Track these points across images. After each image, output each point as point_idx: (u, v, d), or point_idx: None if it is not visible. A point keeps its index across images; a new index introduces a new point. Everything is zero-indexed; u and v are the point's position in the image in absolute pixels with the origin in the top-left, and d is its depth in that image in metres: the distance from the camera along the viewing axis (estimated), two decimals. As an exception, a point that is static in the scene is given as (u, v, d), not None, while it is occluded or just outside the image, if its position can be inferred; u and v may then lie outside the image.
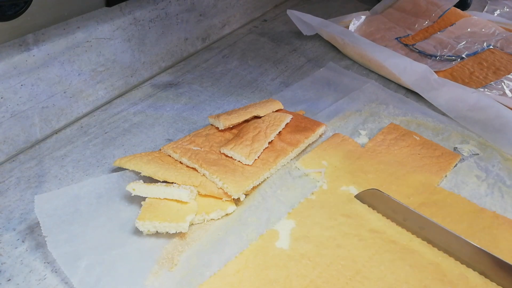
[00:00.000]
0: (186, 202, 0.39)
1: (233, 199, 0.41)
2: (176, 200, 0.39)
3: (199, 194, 0.41)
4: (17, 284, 0.34)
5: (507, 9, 0.93)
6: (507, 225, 0.41)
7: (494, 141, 0.52)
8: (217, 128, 0.49)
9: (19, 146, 0.48)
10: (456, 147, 0.52)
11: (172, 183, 0.41)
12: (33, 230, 0.39)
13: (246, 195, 0.42)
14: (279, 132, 0.49)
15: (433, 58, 0.71)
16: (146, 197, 0.40)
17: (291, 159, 0.48)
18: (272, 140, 0.48)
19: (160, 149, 0.46)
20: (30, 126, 0.48)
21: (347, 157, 0.48)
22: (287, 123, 0.51)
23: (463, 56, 0.71)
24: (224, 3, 0.74)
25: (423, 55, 0.72)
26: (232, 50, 0.73)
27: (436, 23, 0.82)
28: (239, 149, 0.44)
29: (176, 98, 0.59)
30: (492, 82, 0.63)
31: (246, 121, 0.51)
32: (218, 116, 0.49)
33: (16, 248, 0.37)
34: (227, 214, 0.41)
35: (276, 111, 0.53)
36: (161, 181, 0.41)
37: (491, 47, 0.73)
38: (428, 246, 0.38)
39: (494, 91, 0.61)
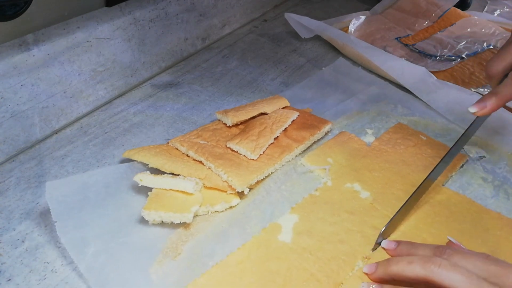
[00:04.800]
0: (191, 194, 0.40)
1: (237, 192, 0.42)
2: (181, 192, 0.40)
3: (204, 186, 0.42)
4: (17, 284, 0.34)
5: (507, 9, 0.93)
6: (511, 227, 0.41)
7: (493, 143, 0.52)
8: (225, 123, 0.50)
9: (19, 146, 0.48)
10: (463, 148, 0.52)
11: (179, 175, 0.42)
12: (33, 230, 0.39)
13: (250, 189, 0.43)
14: (285, 129, 0.50)
15: (433, 58, 0.71)
16: (152, 188, 0.40)
17: (296, 156, 0.49)
18: (277, 136, 0.48)
19: (167, 142, 0.47)
20: (30, 126, 0.48)
21: (352, 155, 0.48)
22: (293, 120, 0.51)
23: (463, 56, 0.71)
24: (224, 3, 0.74)
25: (423, 55, 0.72)
26: (232, 50, 0.73)
27: (436, 23, 0.82)
28: (245, 143, 0.45)
29: (176, 98, 0.59)
30: (492, 82, 0.63)
31: (253, 117, 0.51)
32: (226, 112, 0.50)
33: (16, 248, 0.37)
34: (231, 207, 0.42)
35: (283, 108, 0.54)
36: (168, 172, 0.42)
37: (491, 47, 0.73)
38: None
39: (494, 91, 0.61)
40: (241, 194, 0.42)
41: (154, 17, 0.60)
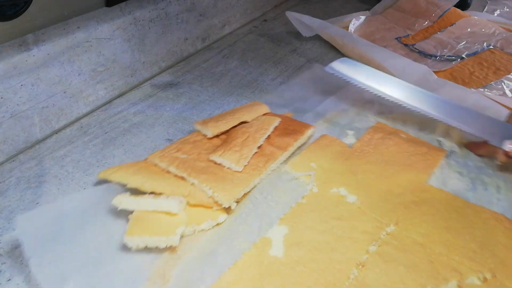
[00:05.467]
0: (175, 214, 0.37)
1: (224, 207, 0.40)
2: (165, 212, 0.38)
3: (188, 204, 0.40)
4: (17, 284, 0.34)
5: (507, 9, 0.93)
6: (494, 219, 0.41)
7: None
8: (205, 134, 0.48)
9: (19, 146, 0.48)
10: (440, 140, 0.52)
11: (160, 194, 0.39)
12: (33, 230, 0.39)
13: (237, 202, 0.41)
14: (268, 136, 0.48)
15: (433, 58, 0.71)
16: (133, 211, 0.38)
17: (281, 163, 0.47)
18: (261, 145, 0.47)
19: (146, 158, 0.44)
20: (30, 126, 0.48)
21: (335, 158, 0.48)
22: (275, 126, 0.50)
23: (463, 56, 0.71)
24: (224, 3, 0.74)
25: (423, 55, 0.72)
26: (232, 50, 0.73)
27: (436, 23, 0.82)
28: (229, 155, 0.43)
29: (176, 98, 0.59)
30: (492, 82, 0.63)
31: (234, 126, 0.49)
32: (205, 122, 0.48)
33: (16, 248, 0.37)
34: (218, 224, 0.40)
35: (264, 114, 0.52)
36: (149, 192, 0.40)
37: (491, 47, 0.73)
38: (420, 245, 0.38)
39: (494, 91, 0.61)
40: (227, 209, 0.40)
41: (154, 17, 0.60)
